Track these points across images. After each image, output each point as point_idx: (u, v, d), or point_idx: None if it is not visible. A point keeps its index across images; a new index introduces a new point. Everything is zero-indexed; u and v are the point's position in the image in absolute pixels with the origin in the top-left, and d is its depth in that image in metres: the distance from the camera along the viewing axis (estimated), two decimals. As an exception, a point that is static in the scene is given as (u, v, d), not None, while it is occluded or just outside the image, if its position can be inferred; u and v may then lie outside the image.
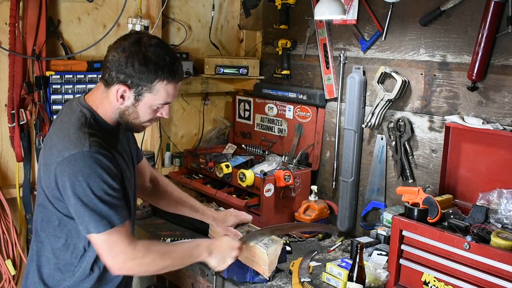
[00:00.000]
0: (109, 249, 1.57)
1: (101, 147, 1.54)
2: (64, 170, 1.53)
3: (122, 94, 1.58)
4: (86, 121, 1.60)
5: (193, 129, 3.23)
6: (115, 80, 1.57)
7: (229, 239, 1.84)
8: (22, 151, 2.47)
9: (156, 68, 1.55)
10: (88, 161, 1.51)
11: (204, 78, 3.08)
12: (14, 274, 2.45)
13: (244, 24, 3.21)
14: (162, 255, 1.64)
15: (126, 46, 1.55)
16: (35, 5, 2.36)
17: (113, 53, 1.57)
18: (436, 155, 2.24)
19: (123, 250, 1.57)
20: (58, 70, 2.50)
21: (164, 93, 1.60)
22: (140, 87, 1.57)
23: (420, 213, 1.90)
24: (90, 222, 1.53)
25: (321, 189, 2.73)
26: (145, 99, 1.60)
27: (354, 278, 1.85)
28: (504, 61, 1.99)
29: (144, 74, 1.54)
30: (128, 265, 1.60)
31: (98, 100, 1.64)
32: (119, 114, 1.64)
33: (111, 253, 1.58)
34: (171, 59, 1.58)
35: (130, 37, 1.58)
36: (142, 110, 1.63)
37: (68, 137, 1.56)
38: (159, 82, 1.57)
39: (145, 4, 2.79)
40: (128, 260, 1.59)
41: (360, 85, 2.48)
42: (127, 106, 1.62)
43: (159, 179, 2.14)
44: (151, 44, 1.56)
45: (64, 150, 1.54)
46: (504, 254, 1.61)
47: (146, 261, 1.62)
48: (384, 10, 2.38)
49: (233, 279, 2.05)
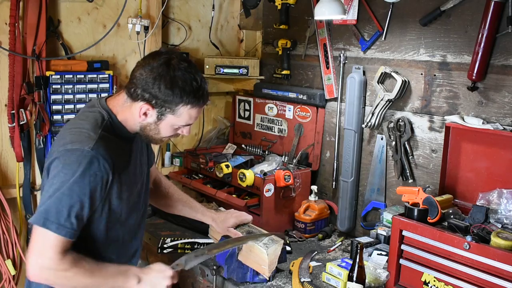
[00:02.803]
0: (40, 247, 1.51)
1: (103, 154, 1.53)
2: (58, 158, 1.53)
3: (146, 112, 1.61)
4: (103, 122, 1.61)
5: (193, 129, 3.22)
6: (140, 98, 1.58)
7: (160, 267, 1.70)
8: (22, 151, 2.47)
9: (182, 93, 1.56)
10: (83, 160, 1.50)
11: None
12: (14, 274, 2.45)
13: (244, 24, 3.21)
14: (84, 272, 1.55)
15: (155, 66, 1.56)
16: (35, 5, 2.36)
17: (140, 71, 1.58)
18: (436, 155, 2.24)
19: (50, 256, 1.50)
20: (58, 70, 2.50)
21: (187, 116, 1.62)
22: (164, 108, 1.59)
23: (420, 213, 1.90)
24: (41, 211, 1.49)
25: (321, 189, 2.73)
26: (167, 119, 1.62)
27: (354, 278, 1.85)
28: (504, 61, 1.99)
29: (169, 97, 1.56)
30: (46, 273, 1.53)
31: (120, 107, 1.65)
32: (140, 128, 1.67)
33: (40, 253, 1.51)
34: (198, 85, 1.59)
35: (160, 57, 1.59)
36: (163, 128, 1.65)
37: (80, 133, 1.56)
38: (183, 106, 1.59)
39: (145, 4, 2.79)
40: (48, 269, 1.51)
41: (360, 85, 2.48)
42: (149, 123, 1.64)
43: (162, 181, 2.16)
44: (180, 67, 1.57)
45: (69, 142, 1.54)
46: (504, 254, 1.61)
47: (66, 275, 1.53)
48: (384, 10, 2.38)
49: (233, 279, 2.05)
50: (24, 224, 2.53)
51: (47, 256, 1.50)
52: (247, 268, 2.03)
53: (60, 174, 1.51)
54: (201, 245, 2.37)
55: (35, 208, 2.57)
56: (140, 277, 1.65)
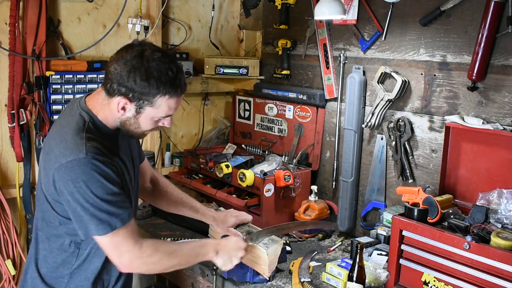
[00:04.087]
0: (114, 249, 1.59)
1: (98, 153, 1.54)
2: (62, 176, 1.53)
3: (124, 106, 1.59)
4: (84, 125, 1.59)
5: (193, 129, 3.23)
6: (117, 93, 1.56)
7: (236, 240, 1.86)
8: (22, 151, 2.47)
9: (158, 84, 1.54)
10: (85, 168, 1.51)
11: (204, 78, 3.08)
12: (14, 274, 2.45)
13: (244, 24, 3.21)
14: (168, 255, 1.66)
15: (128, 59, 1.54)
16: (35, 5, 2.36)
17: (115, 65, 1.55)
18: (436, 155, 2.24)
19: (128, 249, 1.58)
20: (58, 70, 2.50)
21: (166, 107, 1.60)
22: (141, 101, 1.57)
23: (420, 213, 1.90)
24: (91, 225, 1.54)
25: (321, 189, 2.73)
26: (146, 112, 1.60)
27: (354, 278, 1.85)
28: (504, 61, 1.99)
29: (146, 89, 1.54)
30: (135, 263, 1.62)
31: (99, 106, 1.64)
32: (120, 123, 1.65)
33: (116, 253, 1.60)
34: (174, 74, 1.57)
35: (132, 49, 1.56)
36: (143, 121, 1.63)
37: (65, 142, 1.55)
38: (161, 97, 1.57)
39: (145, 4, 2.79)
40: (134, 259, 1.60)
41: (360, 85, 2.48)
42: (128, 117, 1.62)
43: (159, 179, 2.14)
44: (153, 58, 1.54)
45: (61, 156, 1.53)
46: (504, 254, 1.61)
47: (153, 260, 1.63)
48: (384, 10, 2.38)
49: (233, 279, 2.05)
50: (24, 224, 2.53)
51: (127, 250, 1.58)
52: (247, 268, 2.03)
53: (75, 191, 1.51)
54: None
55: (35, 208, 2.57)
56: (217, 249, 1.77)
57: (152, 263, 1.64)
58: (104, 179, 1.53)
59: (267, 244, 1.96)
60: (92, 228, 1.54)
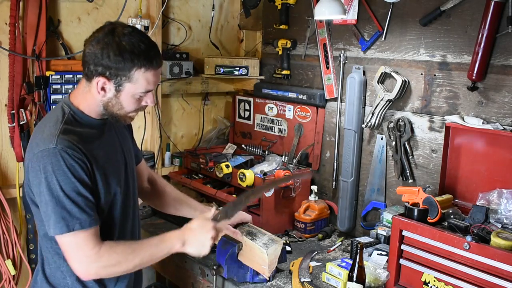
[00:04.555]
0: (74, 252, 1.55)
1: (69, 146, 1.52)
2: (32, 166, 1.53)
3: (103, 86, 1.58)
4: (63, 117, 1.60)
5: (193, 129, 3.23)
6: (94, 73, 1.56)
7: (200, 222, 1.74)
8: (22, 151, 2.47)
9: (132, 57, 1.54)
10: (53, 158, 1.50)
11: (204, 78, 3.08)
12: (14, 274, 2.45)
13: (244, 24, 3.21)
14: (127, 255, 1.60)
15: (100, 37, 1.55)
16: (35, 5, 2.36)
17: (89, 47, 1.57)
18: (436, 155, 2.24)
19: (87, 254, 1.54)
20: (58, 70, 2.50)
21: (144, 81, 1.58)
22: (119, 77, 1.56)
23: (420, 213, 1.90)
24: (51, 220, 1.52)
25: (321, 189, 2.73)
26: (126, 89, 1.59)
27: (354, 278, 1.85)
28: (504, 61, 1.99)
29: (120, 64, 1.53)
30: (93, 269, 1.57)
31: (81, 95, 1.64)
32: (103, 107, 1.63)
33: (76, 257, 1.55)
34: (147, 46, 1.57)
35: (104, 28, 1.58)
36: (125, 100, 1.61)
37: (42, 133, 1.56)
38: (137, 71, 1.56)
39: (145, 4, 2.79)
40: (91, 264, 1.55)
41: (360, 85, 2.48)
42: (109, 98, 1.61)
43: (157, 180, 2.13)
44: (124, 33, 1.55)
45: (35, 146, 1.54)
46: (504, 254, 1.61)
47: (111, 263, 1.58)
48: (384, 10, 2.38)
49: (233, 279, 2.05)
50: (24, 224, 2.53)
51: (84, 255, 1.54)
52: (247, 268, 2.03)
53: (43, 181, 1.51)
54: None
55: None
56: (183, 239, 1.68)
57: (110, 266, 1.58)
58: (70, 174, 1.51)
59: (267, 244, 1.96)
60: (51, 225, 1.52)
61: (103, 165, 1.63)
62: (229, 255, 2.00)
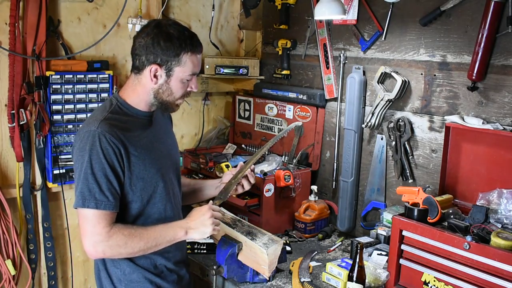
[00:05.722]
0: (86, 227, 1.65)
1: (108, 130, 1.65)
2: (76, 143, 1.71)
3: (155, 73, 1.72)
4: (111, 106, 1.76)
5: (193, 129, 3.23)
6: (146, 63, 1.72)
7: (198, 210, 1.83)
8: (22, 151, 2.47)
9: (179, 42, 1.71)
10: (92, 139, 1.64)
11: (204, 78, 3.08)
12: (14, 274, 2.45)
13: (244, 24, 3.21)
14: (133, 238, 1.68)
15: (149, 31, 1.72)
16: (35, 5, 2.36)
17: (139, 40, 1.73)
18: (436, 155, 2.24)
19: (98, 231, 1.64)
20: (58, 70, 2.50)
21: (190, 63, 1.74)
22: (169, 62, 1.71)
23: (420, 213, 1.90)
24: (76, 194, 1.65)
25: (321, 189, 2.73)
26: (175, 73, 1.74)
27: (354, 278, 1.85)
28: (504, 61, 1.99)
29: (170, 49, 1.70)
30: (101, 247, 1.65)
31: (130, 89, 1.79)
32: (153, 95, 1.77)
33: (88, 233, 1.65)
34: (190, 33, 1.75)
35: (150, 23, 1.76)
36: (174, 85, 1.76)
37: (90, 118, 1.74)
38: (184, 54, 1.72)
39: (145, 4, 2.79)
40: (100, 242, 1.64)
41: (360, 85, 2.48)
42: (160, 85, 1.75)
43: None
44: (169, 24, 1.74)
45: (82, 128, 1.72)
46: (504, 254, 1.61)
47: (118, 243, 1.66)
48: (384, 10, 2.38)
49: (233, 279, 2.05)
50: (24, 224, 2.53)
51: (95, 232, 1.64)
52: (247, 268, 2.03)
53: (78, 157, 1.67)
54: (201, 245, 2.37)
55: (35, 208, 2.58)
56: (186, 227, 1.78)
57: (117, 246, 1.66)
58: (103, 155, 1.64)
59: (267, 244, 1.96)
60: (75, 197, 1.66)
61: (143, 153, 1.75)
62: (229, 255, 2.00)
